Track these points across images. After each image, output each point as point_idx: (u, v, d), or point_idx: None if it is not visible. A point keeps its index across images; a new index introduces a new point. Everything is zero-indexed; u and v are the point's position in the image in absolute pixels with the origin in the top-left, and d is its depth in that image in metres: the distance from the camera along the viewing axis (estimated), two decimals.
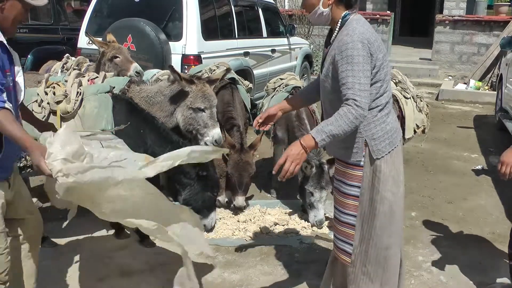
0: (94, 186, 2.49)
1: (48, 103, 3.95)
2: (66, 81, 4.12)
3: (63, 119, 3.92)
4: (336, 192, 3.10)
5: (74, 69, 5.01)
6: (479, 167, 6.80)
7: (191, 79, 4.23)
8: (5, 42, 2.62)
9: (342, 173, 3.04)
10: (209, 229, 4.38)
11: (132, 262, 4.11)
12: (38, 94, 3.99)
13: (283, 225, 4.74)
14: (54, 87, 4.05)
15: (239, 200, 4.84)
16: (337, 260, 3.21)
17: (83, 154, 2.56)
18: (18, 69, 2.78)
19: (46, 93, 3.99)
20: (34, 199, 5.06)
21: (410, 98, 5.25)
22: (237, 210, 4.93)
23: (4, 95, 2.51)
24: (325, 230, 4.69)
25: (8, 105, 2.49)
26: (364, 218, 3.02)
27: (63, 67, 5.34)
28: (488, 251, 4.45)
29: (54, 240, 4.39)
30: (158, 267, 4.00)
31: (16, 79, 2.75)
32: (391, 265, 3.15)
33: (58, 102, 3.94)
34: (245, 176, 4.85)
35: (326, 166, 4.62)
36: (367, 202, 3.00)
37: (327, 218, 4.66)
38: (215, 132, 4.23)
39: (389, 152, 2.95)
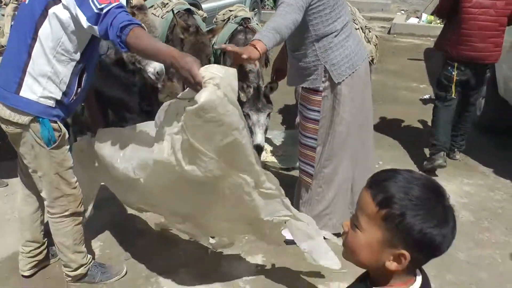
0: (220, 128, 2.25)
1: None
2: (3, 15, 4.00)
3: None
4: (300, 116, 3.32)
5: (13, 3, 4.84)
6: (426, 96, 6.99)
7: (131, 10, 4.13)
8: None
9: (304, 97, 3.22)
10: None
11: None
12: None
13: None
14: None
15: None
16: (301, 182, 3.40)
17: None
18: None
19: None
20: None
21: (358, 28, 5.30)
22: None
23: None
24: (269, 158, 4.83)
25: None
26: (324, 140, 3.20)
27: (1, 1, 5.15)
28: (430, 174, 4.64)
29: (5, 180, 4.38)
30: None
31: None
32: (342, 188, 3.35)
33: None
34: (202, 57, 4.55)
35: (264, 89, 4.57)
36: (326, 125, 3.18)
37: None
38: (157, 63, 4.09)
39: (349, 75, 3.10)
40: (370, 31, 5.54)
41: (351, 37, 3.15)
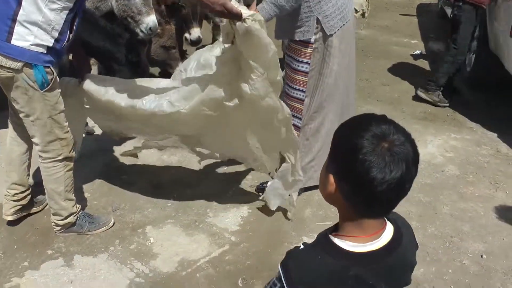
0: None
1: None
2: None
3: None
4: (287, 68, 3.27)
5: None
6: (417, 52, 6.94)
7: None
8: None
9: (293, 50, 3.17)
10: None
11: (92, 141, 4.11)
12: None
13: None
14: None
15: (195, 32, 4.71)
16: None
17: None
18: None
19: None
20: None
21: None
22: (194, 44, 4.79)
23: None
24: None
25: None
26: (312, 92, 3.20)
27: None
28: (418, 128, 4.67)
29: None
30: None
31: None
32: (327, 141, 3.34)
33: None
34: (197, 4, 4.54)
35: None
36: (315, 77, 3.16)
37: None
38: (150, 19, 3.98)
39: (340, 27, 3.08)
40: None
41: None
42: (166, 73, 5.00)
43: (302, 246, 1.29)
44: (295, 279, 1.21)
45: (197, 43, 4.68)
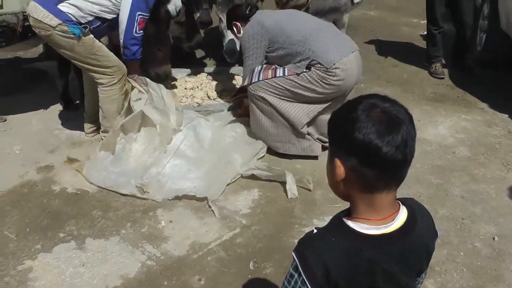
0: None
1: None
2: None
3: None
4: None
5: None
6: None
7: None
8: None
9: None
10: None
11: (83, 133, 4.14)
12: None
13: (231, 92, 4.76)
14: None
15: (204, 13, 4.64)
16: None
17: None
18: None
19: None
20: None
21: None
22: (204, 26, 4.70)
23: None
24: None
25: None
26: None
27: None
28: (428, 109, 4.64)
29: (3, 116, 4.36)
30: None
31: None
32: None
33: None
34: None
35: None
36: None
37: None
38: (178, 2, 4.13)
39: None
40: None
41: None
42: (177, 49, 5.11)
43: (315, 231, 1.29)
44: (312, 265, 1.21)
45: (206, 25, 4.62)
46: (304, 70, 3.54)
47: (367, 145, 1.16)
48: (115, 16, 3.65)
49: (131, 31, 3.62)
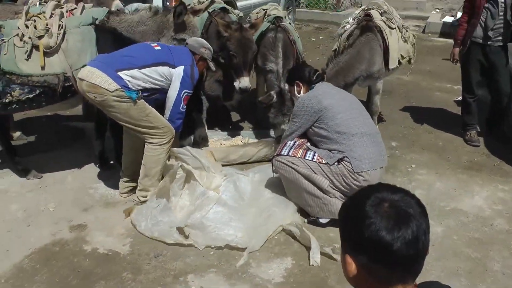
0: None
1: (30, 38, 3.86)
2: (44, 12, 4.04)
3: (46, 54, 3.87)
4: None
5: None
6: (460, 98, 6.81)
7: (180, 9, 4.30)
8: None
9: None
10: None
11: (117, 192, 4.19)
12: (19, 28, 3.88)
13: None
14: (34, 20, 3.95)
15: (245, 81, 4.60)
16: None
17: None
18: None
19: (27, 27, 3.89)
20: (18, 133, 5.11)
21: (395, 28, 5.22)
22: (243, 93, 4.71)
23: None
24: None
25: None
26: None
27: None
28: (464, 178, 4.56)
29: (39, 173, 4.43)
30: None
31: None
32: None
33: (40, 37, 3.87)
34: (249, 54, 4.60)
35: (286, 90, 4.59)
36: None
37: None
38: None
39: None
40: (407, 31, 5.47)
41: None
42: (218, 107, 5.28)
43: None
44: None
45: (246, 92, 4.69)
46: (335, 163, 3.64)
47: (376, 242, 1.16)
48: (163, 90, 3.85)
49: (178, 107, 3.87)
